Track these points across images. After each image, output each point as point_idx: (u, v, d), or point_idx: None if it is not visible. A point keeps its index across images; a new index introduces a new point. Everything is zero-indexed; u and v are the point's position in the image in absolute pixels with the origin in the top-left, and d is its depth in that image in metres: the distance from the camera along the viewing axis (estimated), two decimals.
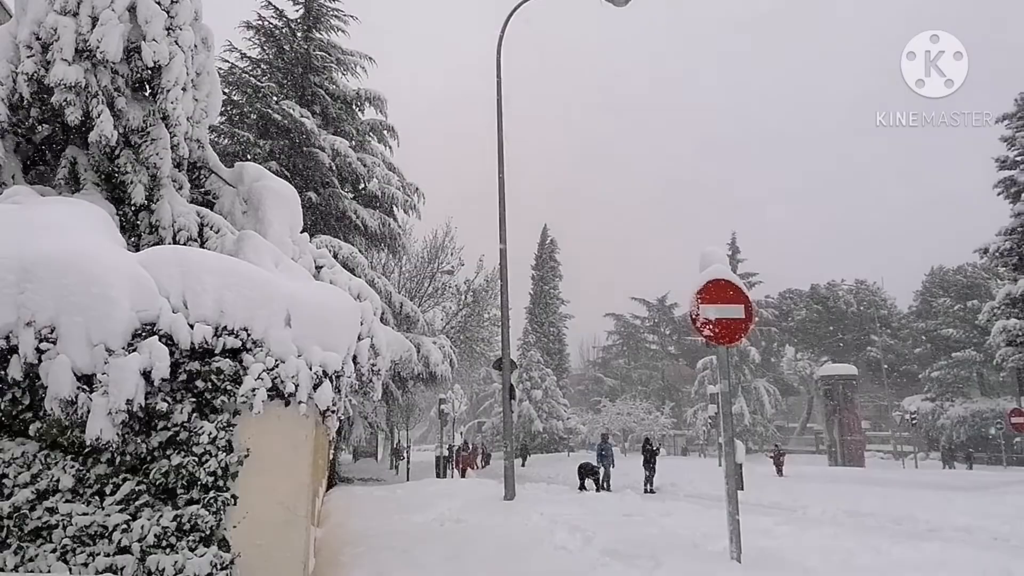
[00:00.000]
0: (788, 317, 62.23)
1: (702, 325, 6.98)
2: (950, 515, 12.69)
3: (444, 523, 9.34)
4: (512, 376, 14.37)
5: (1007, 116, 20.89)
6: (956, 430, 43.86)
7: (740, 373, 52.37)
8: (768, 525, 10.49)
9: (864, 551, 8.36)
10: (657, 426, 47.18)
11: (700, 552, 7.33)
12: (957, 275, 52.78)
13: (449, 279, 31.63)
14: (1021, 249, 20.46)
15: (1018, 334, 19.69)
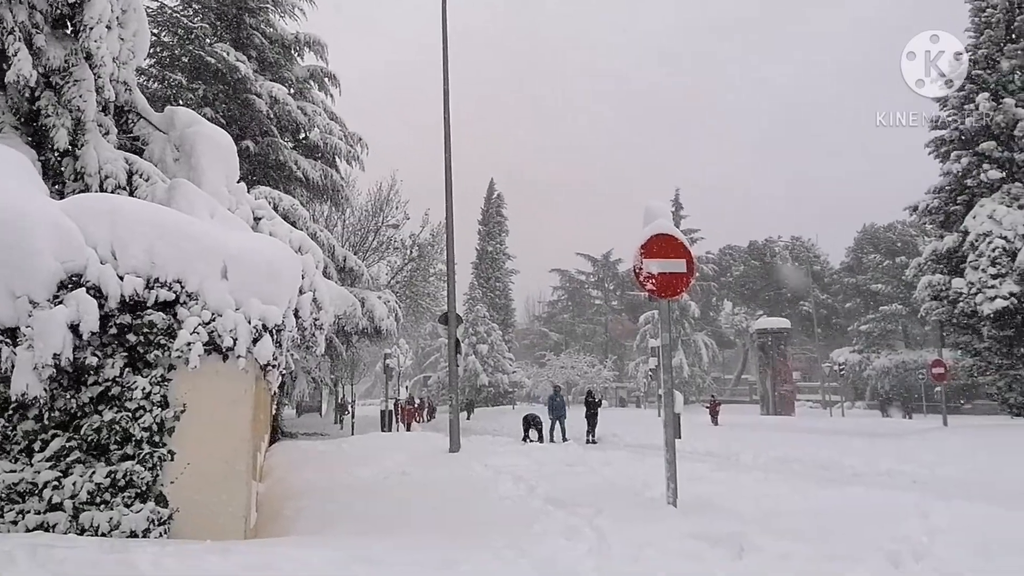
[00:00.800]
0: (727, 272, 63.87)
1: (645, 279, 7.07)
2: (873, 461, 13.40)
3: (389, 476, 9.38)
4: (458, 330, 14.38)
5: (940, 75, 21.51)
6: (881, 380, 46.22)
7: (680, 327, 53.72)
8: (704, 472, 10.89)
9: (793, 495, 8.76)
10: (600, 379, 48.23)
11: (639, 498, 7.57)
12: (888, 232, 54.90)
13: (394, 233, 31.22)
14: (948, 207, 21.37)
15: (942, 289, 20.67)
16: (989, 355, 20.35)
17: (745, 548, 5.59)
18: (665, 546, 5.42)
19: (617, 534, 5.70)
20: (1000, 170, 19.64)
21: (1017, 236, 18.49)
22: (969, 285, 19.44)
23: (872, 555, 5.64)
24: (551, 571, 4.84)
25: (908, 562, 5.50)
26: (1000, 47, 20.33)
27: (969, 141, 20.54)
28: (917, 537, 6.28)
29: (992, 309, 18.60)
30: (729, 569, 5.18)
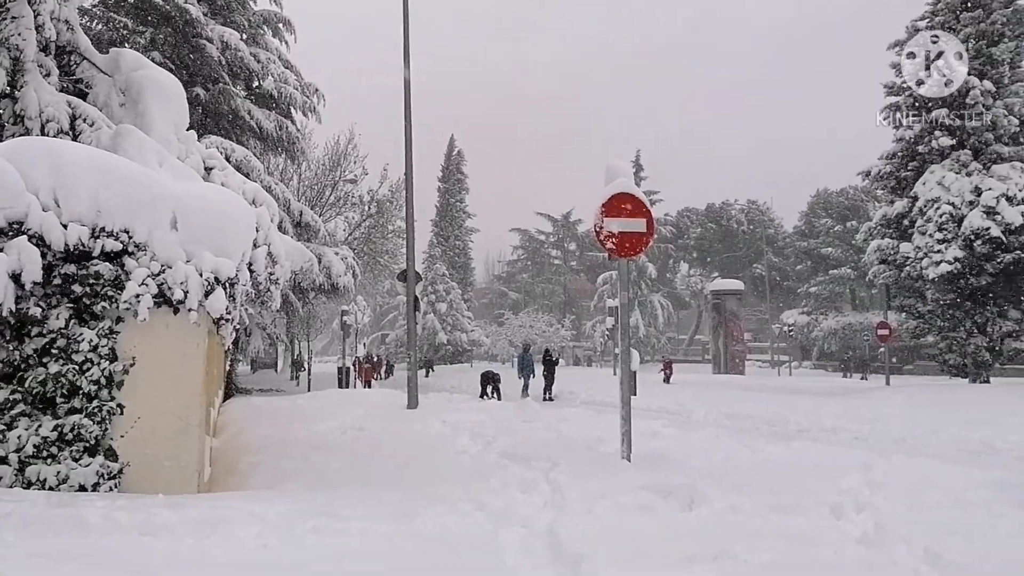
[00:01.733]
0: (685, 235, 64.63)
1: (605, 238, 7.09)
2: (819, 418, 13.89)
3: (346, 431, 9.37)
4: (417, 288, 14.30)
5: (898, 43, 21.81)
6: (828, 341, 47.76)
7: (637, 287, 54.37)
8: (657, 428, 11.14)
9: (741, 450, 9.04)
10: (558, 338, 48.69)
11: (594, 453, 7.72)
12: (840, 197, 56.08)
13: (352, 188, 30.69)
14: (899, 173, 21.86)
15: (890, 253, 21.26)
16: (932, 318, 21.11)
17: (695, 500, 5.76)
18: (619, 498, 5.55)
19: (572, 487, 5.81)
20: (951, 137, 20.11)
21: (964, 203, 19.05)
22: (916, 250, 20.03)
23: (816, 507, 5.87)
24: (508, 523, 4.91)
25: (850, 513, 5.73)
26: (956, 15, 20.62)
27: (922, 108, 20.96)
28: (859, 490, 6.55)
29: (937, 273, 19.23)
30: (680, 520, 5.34)
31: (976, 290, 19.74)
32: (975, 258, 18.93)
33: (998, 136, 19.89)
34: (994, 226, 18.29)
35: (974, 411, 13.71)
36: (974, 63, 20.11)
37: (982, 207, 18.55)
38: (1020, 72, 20.57)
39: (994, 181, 18.83)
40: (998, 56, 19.99)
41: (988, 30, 20.04)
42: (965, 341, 20.31)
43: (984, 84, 19.61)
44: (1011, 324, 20.11)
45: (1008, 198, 18.50)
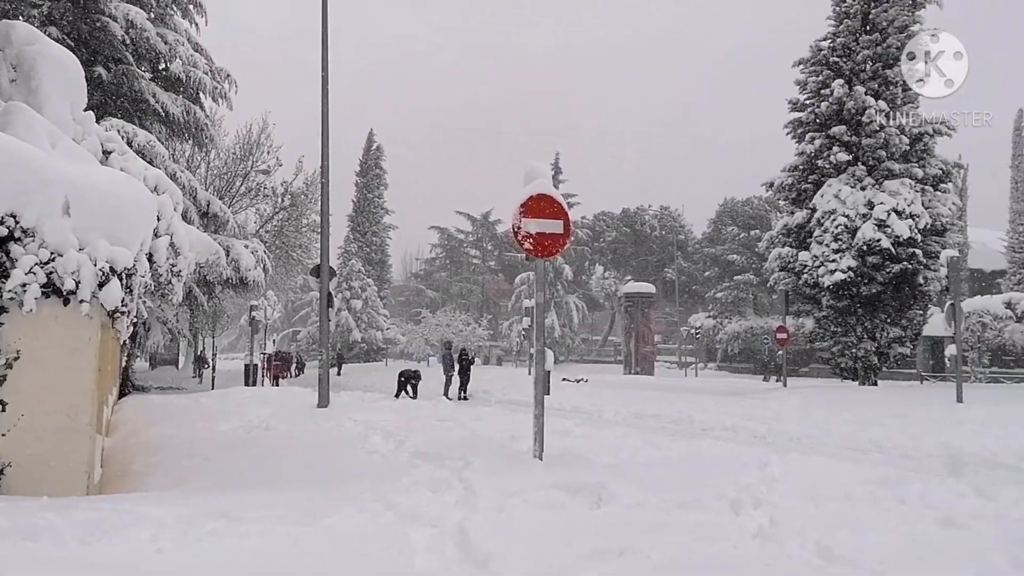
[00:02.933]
0: (600, 238, 65.96)
1: (523, 238, 7.13)
2: (721, 417, 14.46)
3: (252, 431, 9.05)
4: (331, 284, 13.98)
5: (802, 61, 22.99)
6: (731, 344, 49.84)
7: (554, 289, 55.09)
8: (569, 427, 11.32)
9: (648, 448, 9.30)
10: (474, 337, 48.74)
11: (506, 452, 7.75)
12: (745, 206, 58.61)
13: (265, 179, 29.67)
14: (800, 185, 23.04)
15: (789, 261, 22.39)
16: (826, 323, 22.36)
17: (603, 497, 5.88)
18: (529, 496, 5.59)
19: (484, 485, 5.81)
20: (848, 153, 21.36)
21: (858, 215, 20.28)
22: (813, 258, 21.17)
23: (716, 502, 6.09)
24: (417, 522, 4.86)
25: (747, 508, 5.98)
26: (856, 37, 21.93)
27: (823, 124, 22.17)
28: (756, 486, 6.84)
29: (832, 281, 20.39)
30: (588, 517, 5.43)
31: (867, 298, 21.05)
32: (867, 268, 20.19)
33: (890, 154, 21.28)
34: (884, 238, 19.55)
35: (863, 412, 14.59)
36: (870, 84, 21.45)
37: (874, 220, 19.79)
38: (911, 94, 22.06)
39: (885, 196, 20.13)
40: (892, 78, 21.38)
41: (884, 53, 21.40)
42: (856, 346, 21.62)
43: (879, 104, 20.95)
44: (897, 331, 21.56)
45: (898, 212, 19.81)
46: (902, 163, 21.31)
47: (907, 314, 21.58)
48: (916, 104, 22.00)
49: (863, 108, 20.85)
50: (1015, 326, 31.22)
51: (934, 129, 21.52)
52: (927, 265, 20.49)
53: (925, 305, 22.18)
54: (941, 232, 21.26)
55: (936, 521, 5.62)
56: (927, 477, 7.54)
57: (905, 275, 20.42)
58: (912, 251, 20.02)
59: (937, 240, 20.99)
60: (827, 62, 22.13)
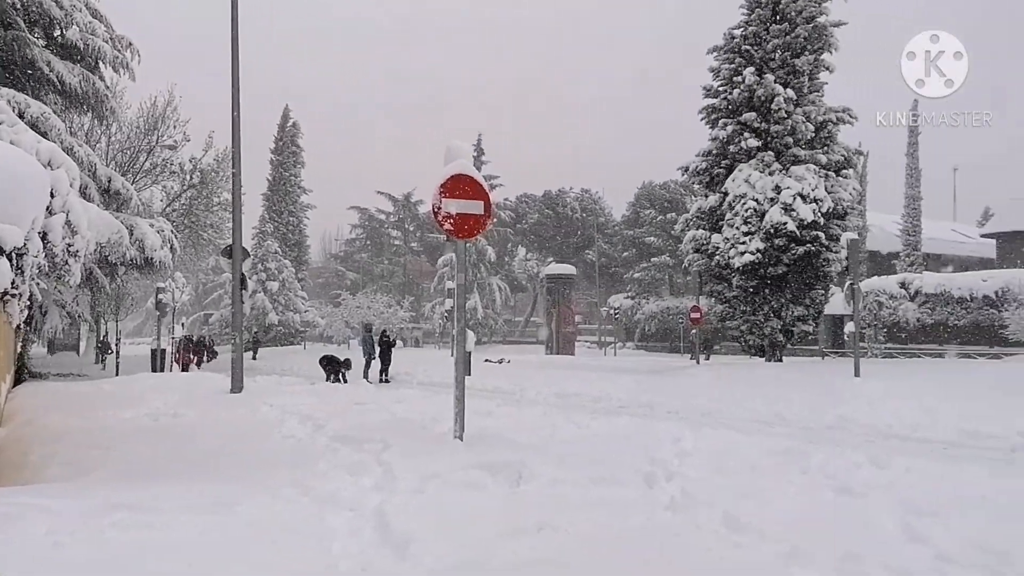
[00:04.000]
0: (523, 220, 66.30)
1: (443, 219, 7.07)
2: (638, 394, 14.89)
3: (159, 418, 8.67)
4: (245, 265, 13.50)
5: (716, 48, 23.63)
6: (648, 323, 51.28)
7: (477, 270, 55.08)
8: (491, 407, 11.39)
9: (568, 426, 9.48)
10: (396, 319, 48.25)
11: (427, 433, 7.73)
12: (662, 190, 60.11)
13: (171, 155, 28.25)
14: (713, 170, 23.77)
15: (703, 243, 23.13)
16: (736, 303, 23.27)
17: (523, 475, 5.95)
18: (449, 477, 5.60)
19: (404, 468, 5.78)
20: (758, 139, 22.17)
21: (766, 199, 21.12)
22: (725, 241, 21.94)
23: (631, 477, 6.27)
24: (335, 507, 4.79)
25: (661, 482, 6.18)
26: (767, 27, 22.70)
27: (735, 111, 22.90)
28: (670, 460, 7.09)
29: (741, 263, 21.20)
30: (507, 495, 5.49)
31: (774, 278, 22.01)
32: (774, 250, 21.09)
33: (797, 140, 22.22)
34: (790, 221, 20.45)
35: (769, 388, 15.32)
36: (779, 72, 22.29)
37: (781, 204, 20.66)
38: (817, 83, 23.06)
39: (792, 181, 21.04)
40: (800, 67, 22.28)
41: (792, 43, 22.26)
42: (763, 324, 22.61)
43: (787, 92, 21.80)
44: (801, 309, 22.66)
45: (803, 197, 20.74)
46: (807, 149, 22.30)
47: (810, 294, 22.72)
48: (821, 93, 23.03)
49: (772, 96, 21.66)
50: (908, 305, 33.41)
51: (837, 117, 22.61)
52: (829, 247, 21.62)
53: (827, 285, 23.41)
54: (842, 216, 22.43)
55: (834, 490, 5.98)
56: (827, 448, 8.00)
57: (809, 257, 21.47)
58: (815, 234, 21.05)
59: (838, 223, 22.13)
60: (739, 50, 22.83)
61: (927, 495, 5.77)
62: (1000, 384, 14.36)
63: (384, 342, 20.39)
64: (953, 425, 9.78)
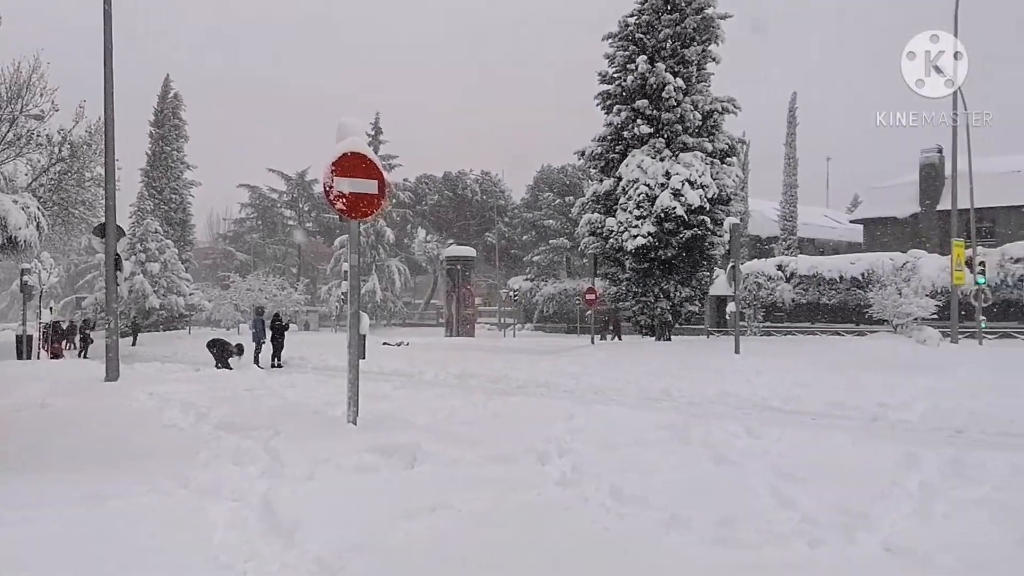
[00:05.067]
0: (422, 201, 65.62)
1: (335, 198, 6.88)
2: (535, 374, 15.15)
3: (23, 409, 8.03)
4: (120, 245, 12.65)
5: (611, 35, 24.14)
6: (547, 305, 52.19)
7: (375, 252, 54.14)
8: (387, 390, 11.28)
9: (465, 407, 9.52)
10: (290, 302, 46.76)
11: (319, 418, 7.56)
12: (560, 174, 61.05)
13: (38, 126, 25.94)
14: (608, 155, 24.37)
15: (598, 227, 23.73)
16: (629, 285, 24.06)
17: (418, 457, 5.94)
18: (341, 461, 5.51)
19: (293, 454, 5.64)
20: (650, 126, 22.90)
21: (657, 184, 21.88)
22: (619, 224, 22.60)
23: (525, 455, 6.39)
24: (217, 498, 4.62)
25: (554, 458, 6.34)
26: (659, 16, 23.38)
27: (629, 98, 23.52)
28: (563, 437, 7.27)
29: (634, 246, 21.92)
30: (402, 478, 5.46)
31: (664, 261, 22.91)
32: (664, 233, 21.93)
33: (686, 128, 23.11)
34: (679, 206, 21.31)
35: (657, 365, 15.97)
36: (670, 62, 23.05)
37: (671, 189, 21.48)
38: (704, 73, 24.02)
39: (681, 167, 21.90)
40: (689, 57, 23.12)
41: (682, 32, 23.05)
42: (654, 305, 23.52)
43: (677, 81, 22.60)
44: (688, 291, 23.73)
45: (691, 183, 21.64)
46: (695, 137, 23.24)
47: (697, 275, 23.82)
48: (708, 83, 24.02)
49: (663, 84, 22.40)
50: (784, 286, 35.65)
51: (723, 107, 23.68)
52: (714, 231, 22.71)
53: (711, 267, 24.61)
54: (726, 201, 23.58)
55: (712, 459, 6.32)
56: (708, 421, 8.44)
57: (696, 240, 22.48)
58: (702, 218, 22.04)
59: (723, 209, 23.27)
60: (633, 38, 23.42)
61: (796, 462, 6.20)
62: (862, 360, 15.60)
63: (276, 326, 19.72)
64: (821, 397, 10.54)
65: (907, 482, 5.43)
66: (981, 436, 7.89)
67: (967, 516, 4.56)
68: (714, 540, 4.08)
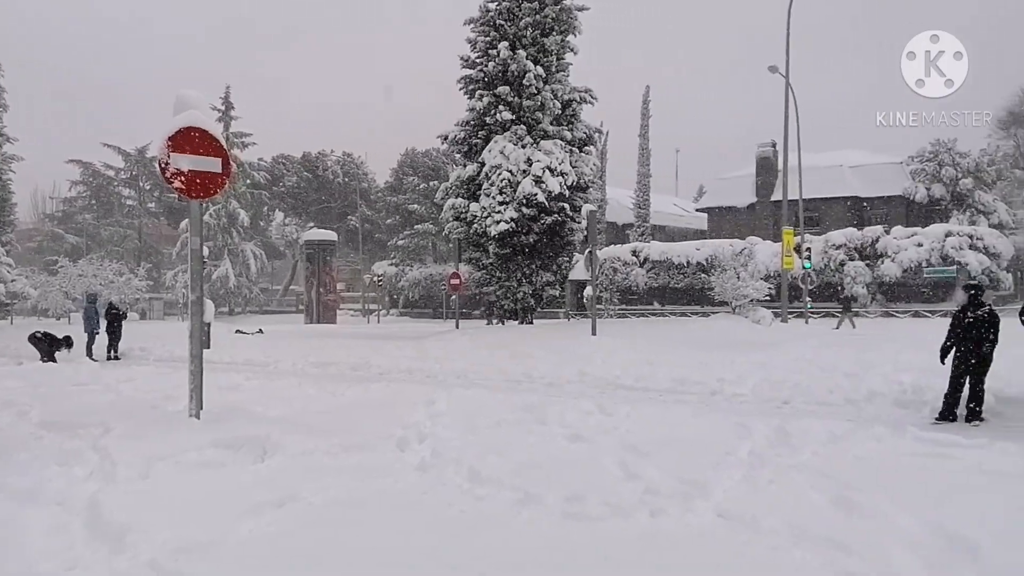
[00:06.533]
0: (279, 182, 62.74)
1: (172, 176, 6.41)
2: (399, 360, 14.96)
3: None
4: None
5: (472, 20, 24.08)
6: (412, 290, 51.75)
7: (228, 236, 51.25)
8: (239, 380, 10.74)
9: (323, 395, 9.27)
10: (130, 289, 43.19)
11: (158, 413, 7.07)
12: (425, 158, 60.49)
13: None
14: (471, 140, 24.38)
15: (462, 212, 23.73)
16: (493, 269, 24.31)
17: (268, 450, 5.70)
18: (181, 458, 5.18)
19: (126, 453, 5.22)
20: (512, 112, 23.13)
21: (519, 171, 22.19)
22: (483, 210, 22.73)
23: (384, 442, 6.31)
24: (36, 503, 4.19)
25: (413, 444, 6.31)
26: (519, 3, 23.59)
27: (491, 84, 23.63)
28: (423, 422, 7.25)
29: (497, 231, 22.14)
30: (250, 472, 5.21)
31: (526, 246, 23.32)
32: (526, 219, 22.30)
33: (546, 116, 23.55)
34: (540, 193, 21.74)
35: (519, 347, 16.28)
36: (530, 50, 23.36)
37: (532, 176, 21.85)
38: (564, 63, 24.55)
39: (541, 155, 22.32)
40: (549, 46, 23.54)
41: (542, 21, 23.40)
42: (517, 290, 23.94)
43: (537, 69, 22.95)
44: (549, 275, 24.35)
45: (551, 170, 22.13)
46: (555, 125, 23.75)
47: (557, 260, 24.47)
48: (567, 72, 24.59)
49: (524, 72, 22.68)
50: (639, 270, 37.53)
51: (581, 97, 24.35)
52: (573, 218, 23.39)
53: (571, 253, 25.37)
54: (585, 189, 24.34)
55: (567, 437, 6.55)
56: (565, 400, 8.73)
57: (556, 226, 23.07)
58: (562, 205, 22.63)
59: (581, 196, 24.00)
60: (494, 24, 23.49)
61: (643, 437, 6.56)
62: (705, 339, 16.74)
63: (112, 315, 18.12)
64: (668, 375, 11.19)
65: (739, 451, 5.89)
66: (804, 406, 8.70)
67: (790, 480, 5.01)
68: (563, 515, 4.22)
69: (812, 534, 3.84)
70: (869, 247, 32.42)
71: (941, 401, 7.66)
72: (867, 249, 32.45)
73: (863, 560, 3.51)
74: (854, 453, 5.81)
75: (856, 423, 7.19)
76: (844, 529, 3.93)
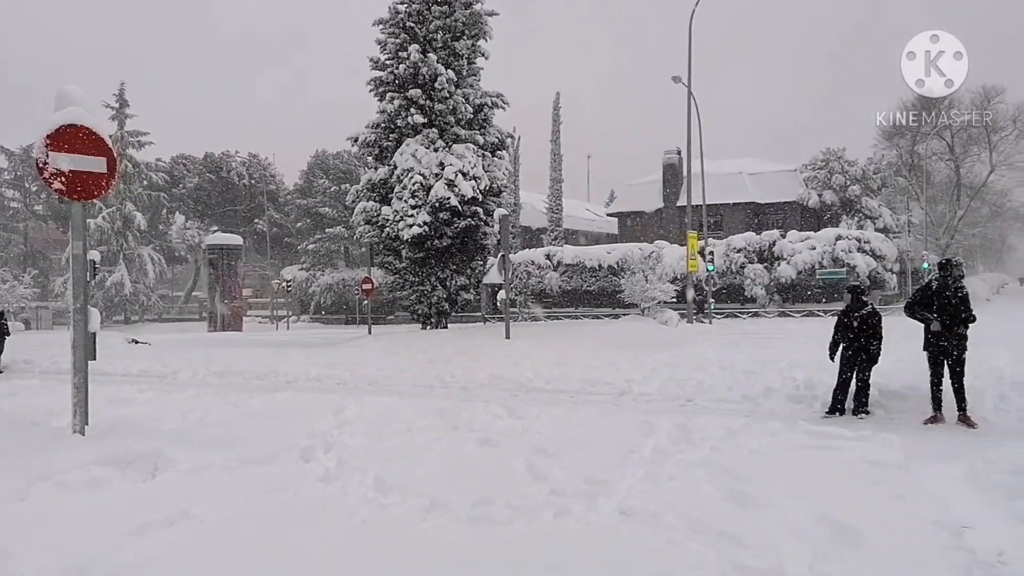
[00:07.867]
0: (180, 184, 59.96)
1: (52, 176, 6.00)
2: (308, 368, 14.52)
3: None
4: None
5: (381, 21, 23.76)
6: (324, 296, 50.52)
7: (123, 240, 48.51)
8: (131, 393, 10.17)
9: (223, 406, 8.89)
10: (14, 297, 40.28)
11: (40, 430, 6.59)
12: (336, 160, 59.22)
13: None
14: (382, 142, 24.04)
15: (373, 215, 23.35)
16: (406, 274, 24.04)
17: (160, 466, 5.41)
18: (63, 477, 4.84)
19: (2, 473, 4.83)
20: (423, 116, 22.96)
21: (432, 174, 22.05)
22: (395, 213, 22.44)
23: (287, 453, 6.10)
24: None
25: (318, 454, 6.12)
26: (429, 6, 23.47)
27: (402, 86, 23.37)
28: (330, 431, 7.06)
29: (410, 235, 21.92)
30: (139, 489, 4.94)
31: (439, 250, 23.20)
32: (439, 223, 22.18)
33: (458, 120, 23.52)
34: (453, 196, 21.67)
35: (433, 352, 16.14)
36: (441, 53, 23.28)
37: (445, 180, 21.77)
38: (475, 68, 24.59)
39: (454, 158, 22.27)
40: (460, 50, 23.51)
41: (453, 25, 23.36)
42: (431, 294, 23.76)
43: (448, 73, 22.89)
44: (463, 279, 24.29)
45: (464, 174, 22.11)
46: (467, 130, 23.75)
47: (471, 264, 24.45)
48: (479, 77, 24.65)
49: (435, 75, 22.56)
50: (552, 274, 38.00)
51: (492, 102, 24.45)
52: (486, 222, 23.44)
53: (485, 256, 25.42)
54: (497, 193, 24.44)
55: (476, 441, 6.53)
56: (476, 404, 8.70)
57: (469, 230, 23.05)
58: (475, 209, 22.64)
59: (494, 200, 24.08)
60: (404, 26, 23.26)
61: (551, 438, 6.63)
62: (615, 340, 17.11)
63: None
64: (579, 376, 11.36)
65: (643, 448, 6.04)
66: (705, 403, 9.02)
67: (689, 476, 5.17)
68: (469, 520, 4.20)
69: (708, 527, 3.97)
70: (767, 250, 34.05)
71: (831, 396, 8.11)
72: (765, 252, 34.08)
73: (755, 552, 3.65)
74: (749, 447, 6.06)
75: (752, 418, 7.51)
76: (738, 522, 4.09)
